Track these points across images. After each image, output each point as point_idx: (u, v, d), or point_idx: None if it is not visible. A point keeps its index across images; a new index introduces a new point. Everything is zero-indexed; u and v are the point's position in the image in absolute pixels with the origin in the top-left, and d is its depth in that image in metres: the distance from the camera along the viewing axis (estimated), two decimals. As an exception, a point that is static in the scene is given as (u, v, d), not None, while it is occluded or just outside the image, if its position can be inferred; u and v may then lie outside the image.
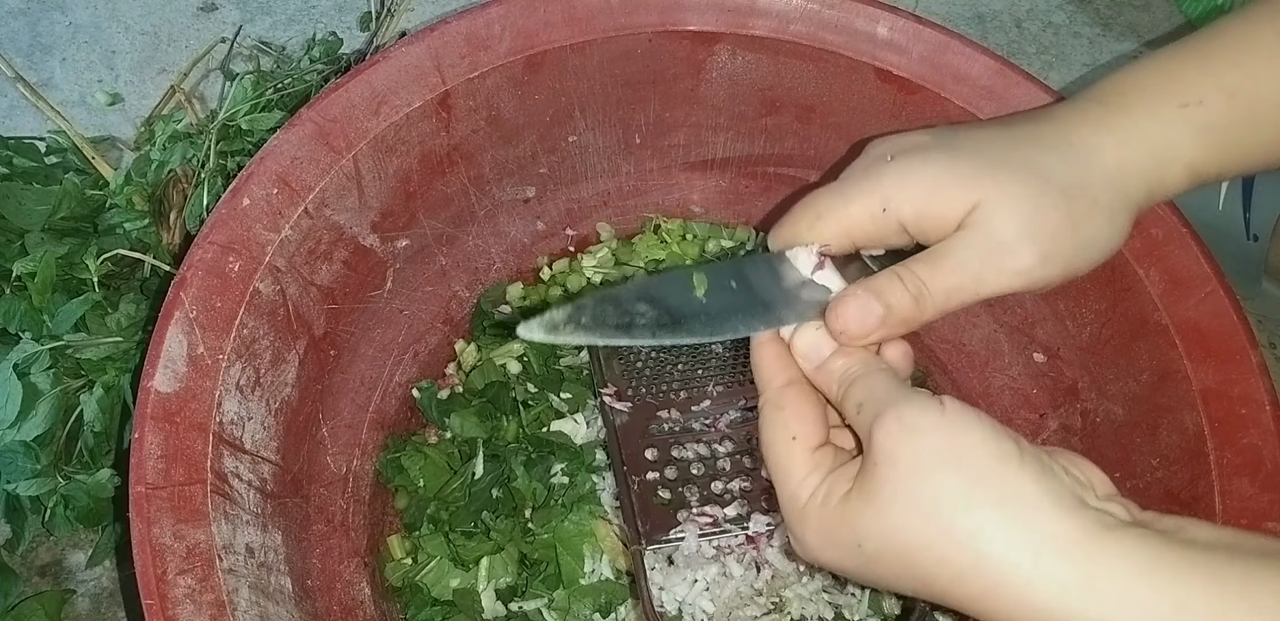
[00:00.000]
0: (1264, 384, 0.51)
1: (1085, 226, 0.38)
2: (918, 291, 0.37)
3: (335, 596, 0.59)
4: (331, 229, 0.56)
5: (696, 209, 0.74)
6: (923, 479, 0.32)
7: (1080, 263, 0.39)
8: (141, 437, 0.46)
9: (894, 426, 0.33)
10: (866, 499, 0.33)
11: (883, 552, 0.33)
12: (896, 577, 0.33)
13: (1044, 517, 0.30)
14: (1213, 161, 0.41)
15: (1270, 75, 0.40)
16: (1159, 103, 0.40)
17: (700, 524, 0.54)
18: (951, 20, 0.99)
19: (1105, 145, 0.40)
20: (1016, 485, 0.31)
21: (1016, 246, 0.37)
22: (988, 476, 0.31)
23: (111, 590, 0.73)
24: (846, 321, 0.37)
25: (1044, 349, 0.64)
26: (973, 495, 0.31)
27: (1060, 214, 0.38)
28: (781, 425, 0.37)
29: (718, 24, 0.58)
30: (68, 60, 0.94)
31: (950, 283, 0.37)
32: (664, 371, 0.61)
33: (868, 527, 0.33)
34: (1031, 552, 0.30)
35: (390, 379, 0.67)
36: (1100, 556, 0.29)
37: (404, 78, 0.55)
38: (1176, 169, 0.40)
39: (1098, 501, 0.32)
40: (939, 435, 0.32)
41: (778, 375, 0.38)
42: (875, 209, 0.39)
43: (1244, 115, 0.40)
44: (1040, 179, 0.38)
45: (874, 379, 0.36)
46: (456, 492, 0.64)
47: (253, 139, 0.79)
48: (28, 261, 0.70)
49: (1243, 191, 0.76)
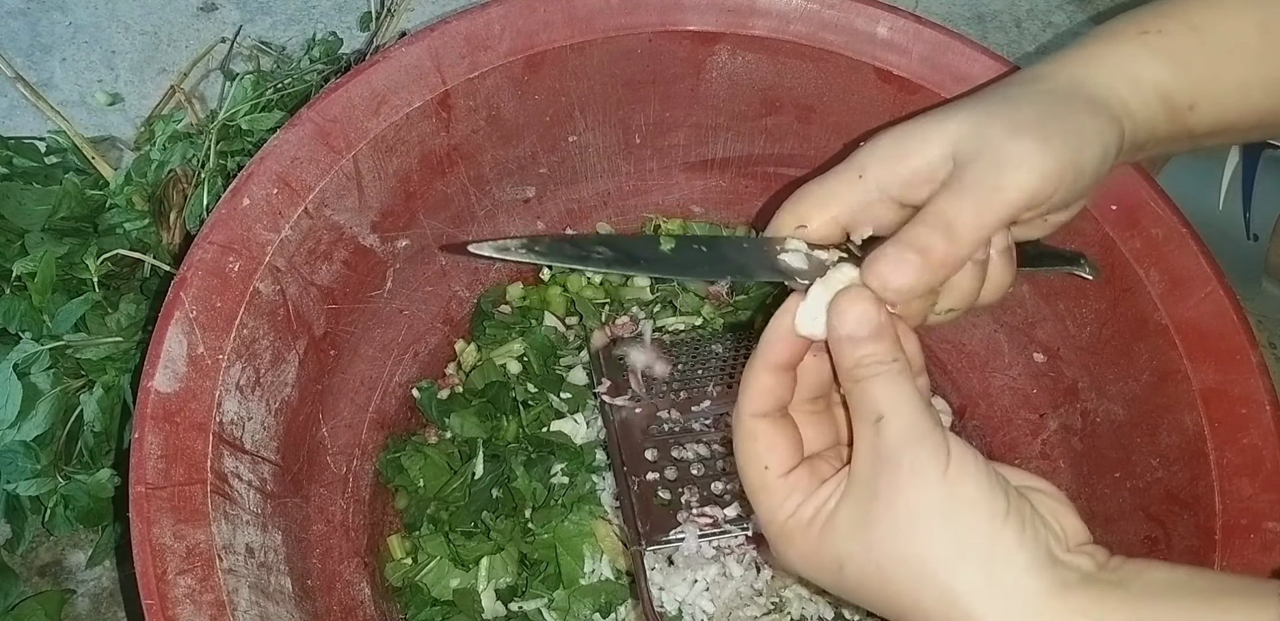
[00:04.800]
0: (1264, 384, 0.51)
1: (1069, 117, 0.38)
2: (945, 226, 0.36)
3: (335, 596, 0.59)
4: (331, 229, 0.56)
5: (696, 209, 0.74)
6: (919, 528, 0.33)
7: (1080, 151, 0.38)
8: (141, 437, 0.46)
9: (907, 468, 0.33)
10: (858, 527, 0.34)
11: (863, 583, 0.34)
12: (871, 604, 0.35)
13: (1016, 575, 0.32)
14: (1182, 88, 0.41)
15: (1238, 16, 0.42)
16: (1119, 34, 0.42)
17: (700, 524, 0.54)
18: (951, 20, 0.99)
19: (1071, 67, 0.41)
20: (998, 543, 0.33)
21: (1014, 143, 0.37)
22: (976, 533, 0.33)
23: (111, 590, 0.73)
24: (885, 276, 0.36)
25: (1044, 349, 0.64)
26: (960, 551, 0.33)
27: (1040, 110, 0.38)
28: (754, 457, 0.37)
29: (718, 24, 0.58)
30: (68, 60, 0.94)
31: (972, 202, 0.36)
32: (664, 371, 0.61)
33: (853, 554, 0.34)
34: (1000, 610, 0.32)
35: (390, 379, 0.67)
36: (1059, 615, 0.31)
37: (404, 78, 0.55)
38: (1145, 88, 0.40)
39: (1067, 554, 0.33)
40: (942, 488, 0.33)
41: (758, 404, 0.38)
42: (851, 176, 0.39)
43: (1208, 46, 0.41)
44: (1011, 97, 0.39)
45: (901, 388, 0.35)
46: (456, 492, 0.64)
47: (253, 139, 0.79)
48: (28, 261, 0.70)
49: (1243, 191, 0.76)
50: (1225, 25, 0.42)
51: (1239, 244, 0.76)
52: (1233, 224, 0.76)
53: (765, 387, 0.38)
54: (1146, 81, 0.40)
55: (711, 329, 0.69)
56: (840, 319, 0.36)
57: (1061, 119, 0.38)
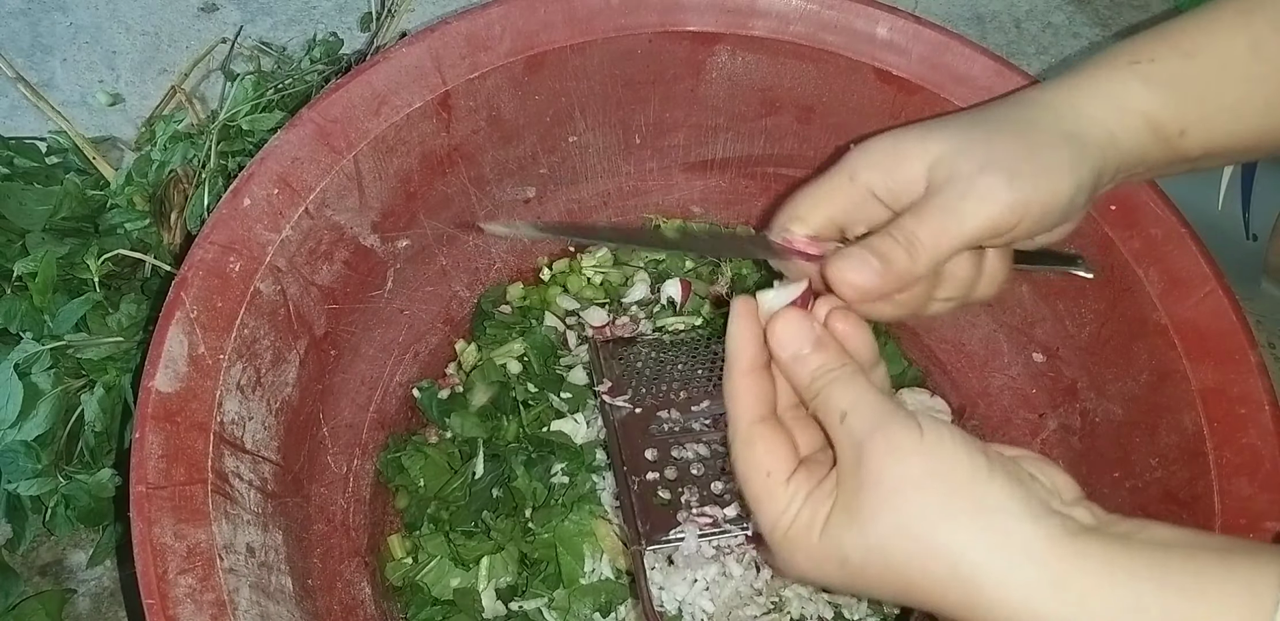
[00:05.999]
0: (1263, 384, 0.51)
1: (1044, 152, 0.40)
2: (908, 242, 0.39)
3: (336, 596, 0.59)
4: (332, 229, 0.56)
5: (696, 209, 0.74)
6: (906, 497, 0.33)
7: (1048, 187, 0.40)
8: (142, 437, 0.46)
9: (882, 448, 0.34)
10: (850, 516, 0.34)
11: (867, 568, 0.34)
12: (881, 590, 0.35)
13: (1014, 524, 0.32)
14: (1172, 115, 0.42)
15: (1229, 39, 0.42)
16: (1111, 62, 0.43)
17: (700, 524, 0.54)
18: (951, 20, 0.99)
19: (1057, 96, 0.42)
20: (988, 496, 0.33)
21: (981, 176, 0.39)
22: (962, 490, 0.33)
23: (112, 589, 0.73)
24: (844, 274, 0.39)
25: (1043, 349, 0.64)
26: (950, 509, 0.33)
27: (1016, 143, 0.40)
28: (755, 463, 0.38)
29: (718, 24, 0.58)
30: (69, 60, 0.94)
31: (934, 226, 0.39)
32: (664, 371, 0.61)
33: (853, 543, 0.34)
34: (1003, 558, 0.31)
35: (391, 379, 0.67)
36: (1065, 560, 0.31)
37: (404, 78, 0.55)
38: (1132, 118, 0.41)
39: (1063, 506, 0.33)
40: (919, 457, 0.34)
41: (750, 409, 0.39)
42: (843, 180, 0.42)
43: (1200, 71, 0.42)
44: (992, 124, 0.41)
45: (856, 386, 0.37)
46: (457, 492, 0.64)
47: (253, 139, 0.79)
48: (29, 261, 0.70)
49: (1242, 191, 0.76)
50: (1217, 49, 0.42)
51: (1238, 244, 0.76)
52: (1232, 224, 0.76)
53: (749, 390, 0.39)
54: (1134, 111, 0.41)
55: (711, 329, 0.70)
56: (778, 342, 0.38)
57: (1035, 155, 0.40)
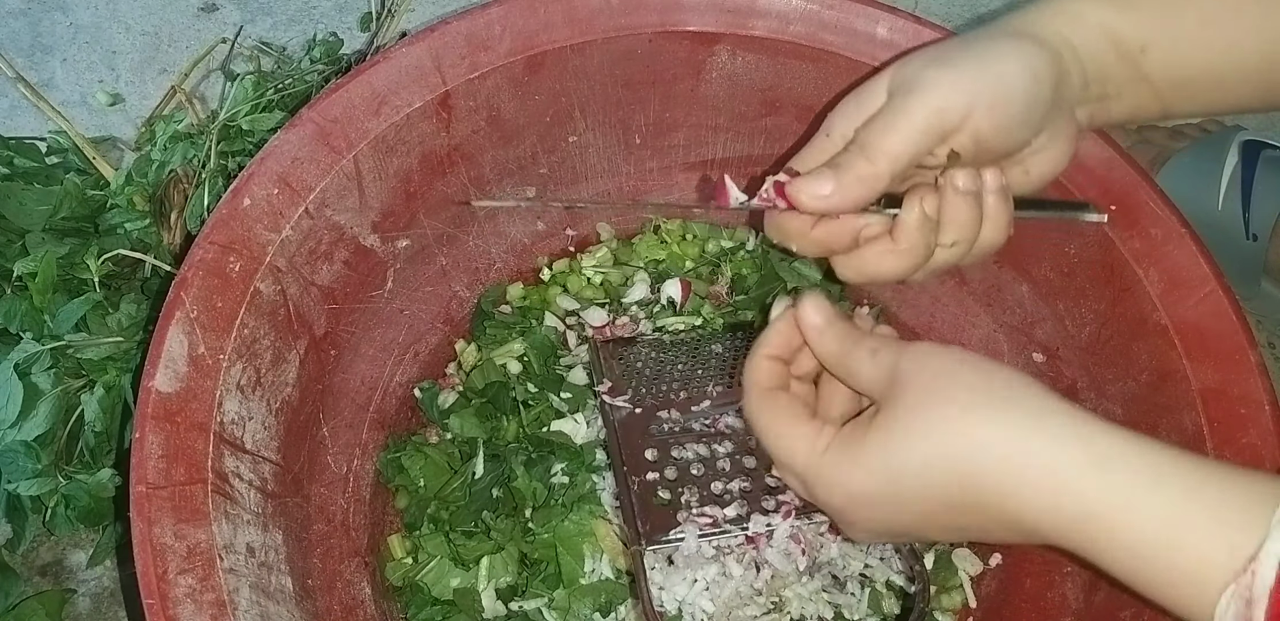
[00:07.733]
0: (1263, 384, 0.51)
1: (989, 44, 0.42)
2: (860, 146, 0.42)
3: (336, 596, 0.59)
4: (332, 229, 0.56)
5: (696, 210, 0.74)
6: (940, 388, 0.37)
7: (996, 70, 0.41)
8: (142, 437, 0.46)
9: (914, 354, 0.39)
10: (893, 420, 0.38)
11: (926, 478, 0.36)
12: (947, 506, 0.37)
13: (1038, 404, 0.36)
14: (1131, 29, 0.42)
15: None
16: None
17: (700, 524, 0.54)
18: (951, 20, 0.99)
19: (1015, 15, 0.44)
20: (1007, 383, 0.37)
21: (925, 70, 0.42)
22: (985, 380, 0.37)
23: (112, 589, 0.73)
24: (803, 188, 0.42)
25: (1043, 349, 0.64)
26: (975, 399, 0.36)
27: (961, 42, 0.43)
28: (776, 411, 0.41)
29: (718, 24, 0.58)
30: (69, 60, 0.94)
31: (882, 124, 0.41)
32: (664, 371, 0.61)
33: (897, 444, 0.37)
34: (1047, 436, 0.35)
35: (391, 379, 0.67)
36: (1092, 434, 0.34)
37: (404, 78, 0.55)
38: (1089, 25, 0.42)
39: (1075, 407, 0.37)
40: (944, 358, 0.38)
41: (767, 379, 0.43)
42: (821, 138, 0.45)
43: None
44: (944, 42, 0.44)
45: (880, 336, 0.41)
46: (457, 492, 0.64)
47: (253, 139, 0.79)
48: (29, 261, 0.70)
49: (1242, 191, 0.76)
50: None
51: (1238, 244, 0.76)
52: (1232, 224, 0.76)
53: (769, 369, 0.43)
54: (1090, 20, 0.42)
55: (711, 329, 0.69)
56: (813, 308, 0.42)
57: (979, 47, 0.42)
